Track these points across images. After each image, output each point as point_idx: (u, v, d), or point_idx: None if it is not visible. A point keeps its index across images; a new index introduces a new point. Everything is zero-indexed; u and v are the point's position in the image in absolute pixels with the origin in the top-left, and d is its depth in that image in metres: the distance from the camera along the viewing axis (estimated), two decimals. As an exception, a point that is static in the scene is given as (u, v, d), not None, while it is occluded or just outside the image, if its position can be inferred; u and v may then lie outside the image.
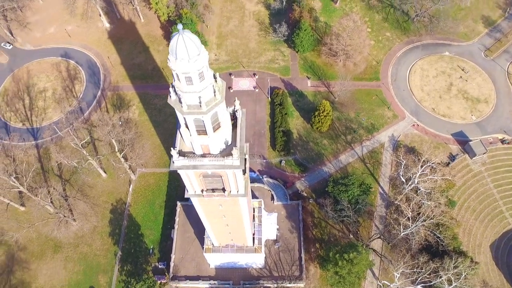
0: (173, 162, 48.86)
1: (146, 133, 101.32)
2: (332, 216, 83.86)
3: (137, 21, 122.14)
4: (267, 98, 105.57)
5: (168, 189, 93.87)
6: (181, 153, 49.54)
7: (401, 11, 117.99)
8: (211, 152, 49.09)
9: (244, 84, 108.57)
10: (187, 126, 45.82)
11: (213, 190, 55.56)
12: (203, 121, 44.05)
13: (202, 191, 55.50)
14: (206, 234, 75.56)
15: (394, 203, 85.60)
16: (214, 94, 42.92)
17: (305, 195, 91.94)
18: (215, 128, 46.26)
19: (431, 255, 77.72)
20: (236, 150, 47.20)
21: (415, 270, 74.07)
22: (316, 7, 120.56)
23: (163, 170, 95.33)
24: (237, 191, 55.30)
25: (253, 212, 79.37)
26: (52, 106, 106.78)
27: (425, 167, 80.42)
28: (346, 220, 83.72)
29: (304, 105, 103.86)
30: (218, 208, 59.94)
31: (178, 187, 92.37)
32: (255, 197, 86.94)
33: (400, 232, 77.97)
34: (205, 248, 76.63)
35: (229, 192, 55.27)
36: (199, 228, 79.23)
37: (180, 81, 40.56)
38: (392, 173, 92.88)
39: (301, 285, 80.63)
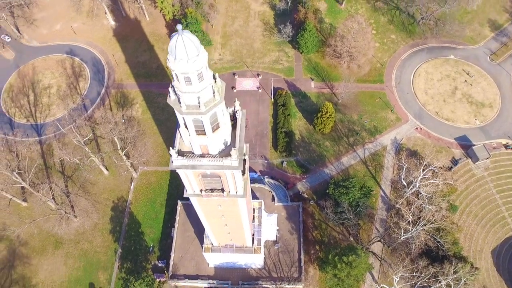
0: (172, 162, 49.01)
1: (149, 131, 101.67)
2: (333, 218, 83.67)
3: (142, 20, 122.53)
4: (270, 99, 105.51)
5: (169, 188, 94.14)
6: (180, 153, 49.63)
7: (407, 14, 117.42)
8: (210, 153, 49.15)
9: (248, 84, 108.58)
10: (186, 126, 45.89)
11: (212, 190, 55.62)
12: (202, 122, 44.10)
13: (201, 191, 55.55)
14: (206, 234, 75.67)
15: (395, 207, 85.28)
16: (213, 95, 42.95)
17: (306, 197, 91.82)
18: (214, 129, 46.30)
19: (431, 260, 77.37)
20: (235, 151, 47.20)
21: (415, 275, 73.79)
22: (321, 8, 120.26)
23: (165, 169, 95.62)
24: (236, 192, 55.28)
25: (253, 213, 79.39)
26: (56, 103, 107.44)
27: (427, 171, 79.96)
28: (346, 223, 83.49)
29: (307, 106, 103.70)
30: (217, 208, 60.01)
31: (179, 186, 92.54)
32: (256, 198, 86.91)
33: (400, 236, 77.67)
34: (205, 248, 76.77)
35: (228, 193, 55.29)
36: (199, 227, 79.28)
37: (179, 81, 40.65)
38: (394, 177, 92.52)
39: (300, 287, 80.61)
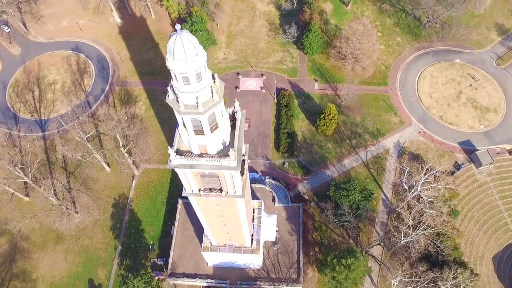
0: (170, 161, 49.12)
1: (151, 129, 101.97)
2: (333, 221, 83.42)
3: (148, 18, 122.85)
4: (274, 99, 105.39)
5: (171, 186, 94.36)
6: (179, 152, 49.71)
7: (413, 16, 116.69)
8: (208, 152, 49.15)
9: (251, 84, 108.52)
10: (185, 126, 45.94)
11: (211, 190, 55.63)
12: (200, 122, 44.12)
13: (200, 191, 55.63)
14: (205, 233, 75.75)
15: (396, 210, 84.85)
16: (212, 95, 42.93)
17: (307, 198, 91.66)
18: (213, 129, 46.29)
19: (431, 265, 76.94)
20: (233, 152, 47.16)
21: (413, 279, 73.33)
22: (327, 10, 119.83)
23: (166, 167, 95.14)
24: (234, 192, 55.25)
25: (253, 213, 79.32)
26: (61, 99, 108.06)
27: (429, 175, 79.47)
28: (346, 225, 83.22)
29: (310, 108, 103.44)
30: (216, 208, 60.04)
31: (180, 184, 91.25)
32: (256, 198, 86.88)
33: (400, 240, 77.26)
34: (203, 247, 76.86)
35: (226, 193, 55.30)
36: (199, 226, 79.17)
37: (178, 81, 40.70)
38: (396, 180, 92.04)
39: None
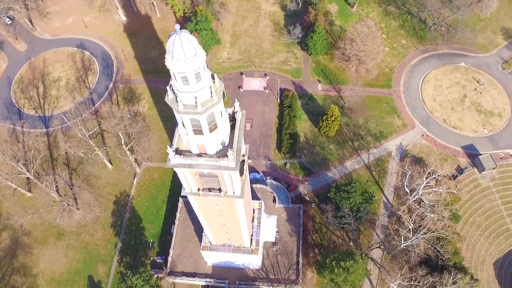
0: (169, 160, 49.24)
1: (154, 128, 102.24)
2: (333, 222, 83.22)
3: (153, 16, 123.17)
4: (277, 100, 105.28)
5: (172, 184, 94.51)
6: (178, 151, 49.85)
7: (418, 19, 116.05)
8: (207, 152, 49.21)
9: (255, 84, 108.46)
10: (184, 125, 46.00)
11: (209, 190, 55.71)
12: (199, 121, 44.16)
13: (199, 190, 55.74)
14: (204, 232, 75.81)
15: (396, 214, 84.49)
16: (211, 95, 42.96)
17: (308, 199, 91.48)
18: (212, 129, 46.32)
19: (430, 269, 76.51)
20: (232, 152, 47.16)
21: (413, 283, 72.94)
22: (332, 11, 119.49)
23: (166, 166, 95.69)
24: (233, 193, 55.28)
25: (253, 213, 79.30)
26: (65, 96, 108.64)
27: (430, 179, 79.02)
28: (347, 227, 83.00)
29: (313, 109, 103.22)
30: (215, 208, 60.10)
31: (181, 183, 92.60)
32: (257, 198, 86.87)
33: (400, 243, 76.92)
34: (203, 246, 76.93)
35: (225, 193, 55.34)
36: (199, 226, 79.15)
37: (177, 81, 40.77)
38: (397, 183, 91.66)
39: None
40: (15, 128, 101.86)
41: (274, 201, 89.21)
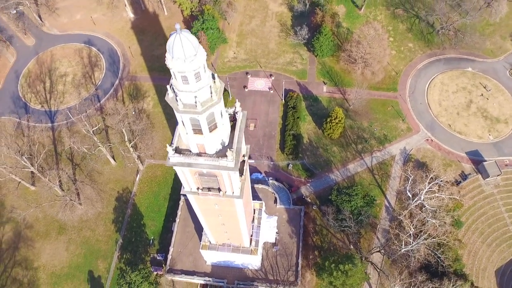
0: (169, 158, 49.39)
1: (158, 125, 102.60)
2: (333, 225, 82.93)
3: (161, 14, 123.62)
4: (281, 100, 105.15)
5: (174, 182, 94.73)
6: (178, 150, 49.97)
7: (426, 23, 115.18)
8: (207, 152, 49.28)
9: (260, 84, 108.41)
10: (184, 124, 46.09)
11: (209, 189, 55.74)
12: (199, 121, 44.21)
13: (198, 189, 55.82)
14: (204, 231, 75.95)
15: (398, 218, 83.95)
16: (211, 95, 42.99)
17: (309, 201, 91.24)
18: (212, 129, 46.36)
19: (430, 275, 75.98)
20: (231, 152, 47.16)
21: (412, 289, 72.60)
22: (340, 13, 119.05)
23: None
24: (233, 193, 55.29)
25: (253, 214, 79.27)
26: (71, 91, 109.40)
27: (433, 184, 78.41)
28: (347, 230, 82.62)
29: (318, 110, 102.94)
30: (214, 207, 60.18)
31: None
32: (258, 199, 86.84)
33: (401, 248, 76.43)
34: (202, 245, 77.06)
35: (224, 193, 55.37)
36: (199, 224, 79.11)
37: (177, 80, 40.91)
38: (400, 187, 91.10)
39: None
40: (21, 122, 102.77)
41: (275, 202, 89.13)
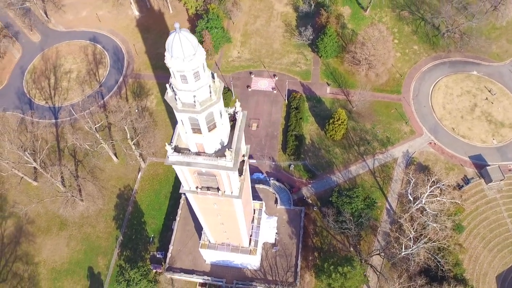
0: (168, 157, 49.44)
1: (161, 123, 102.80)
2: (333, 227, 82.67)
3: (166, 12, 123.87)
4: (284, 101, 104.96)
5: (175, 181, 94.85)
6: (177, 149, 50.00)
7: (432, 25, 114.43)
8: (206, 151, 49.26)
9: (263, 84, 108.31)
10: (183, 123, 46.09)
11: (208, 188, 55.75)
12: (198, 120, 44.20)
13: (197, 188, 55.85)
14: (204, 230, 75.99)
15: (398, 221, 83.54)
16: (210, 95, 42.96)
17: (310, 202, 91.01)
18: (211, 128, 46.33)
19: (430, 279, 75.58)
20: (229, 152, 47.11)
21: (411, 292, 72.26)
22: (345, 14, 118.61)
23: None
24: (231, 192, 55.27)
25: (253, 214, 79.20)
26: (75, 88, 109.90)
27: (434, 188, 77.92)
28: (347, 232, 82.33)
29: (321, 112, 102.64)
30: (213, 207, 60.21)
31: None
32: (259, 199, 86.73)
33: (401, 252, 76.04)
34: (201, 244, 77.16)
35: (223, 192, 55.36)
36: (199, 223, 79.25)
37: (176, 79, 41.01)
38: (401, 190, 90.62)
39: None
40: (25, 118, 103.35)
41: (276, 202, 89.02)
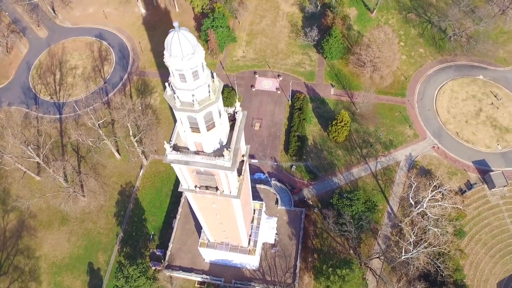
0: (166, 155, 49.50)
1: (164, 121, 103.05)
2: (334, 229, 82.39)
3: (172, 10, 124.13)
4: (288, 101, 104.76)
5: (177, 179, 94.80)
6: (176, 148, 50.04)
7: (438, 28, 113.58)
8: (204, 150, 49.21)
9: (267, 84, 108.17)
10: (182, 122, 46.11)
11: (206, 188, 55.75)
12: (196, 119, 44.18)
13: (196, 187, 55.87)
14: (203, 229, 76.06)
15: (399, 225, 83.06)
16: (209, 94, 42.91)
17: (311, 204, 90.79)
18: (209, 128, 46.26)
19: (429, 284, 75.16)
20: (228, 152, 47.04)
21: (409, 297, 71.81)
22: (351, 15, 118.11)
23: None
24: (230, 192, 55.22)
25: (253, 214, 79.13)
26: (80, 84, 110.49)
27: (436, 192, 77.36)
28: (347, 235, 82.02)
29: (324, 113, 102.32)
30: (212, 206, 60.20)
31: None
32: (259, 199, 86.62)
33: (400, 256, 75.60)
34: (200, 242, 77.22)
35: (222, 192, 55.33)
36: (199, 222, 79.57)
37: (174, 77, 40.91)
38: (403, 194, 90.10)
39: (292, 293, 79.91)
40: (29, 113, 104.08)
41: (277, 203, 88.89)
